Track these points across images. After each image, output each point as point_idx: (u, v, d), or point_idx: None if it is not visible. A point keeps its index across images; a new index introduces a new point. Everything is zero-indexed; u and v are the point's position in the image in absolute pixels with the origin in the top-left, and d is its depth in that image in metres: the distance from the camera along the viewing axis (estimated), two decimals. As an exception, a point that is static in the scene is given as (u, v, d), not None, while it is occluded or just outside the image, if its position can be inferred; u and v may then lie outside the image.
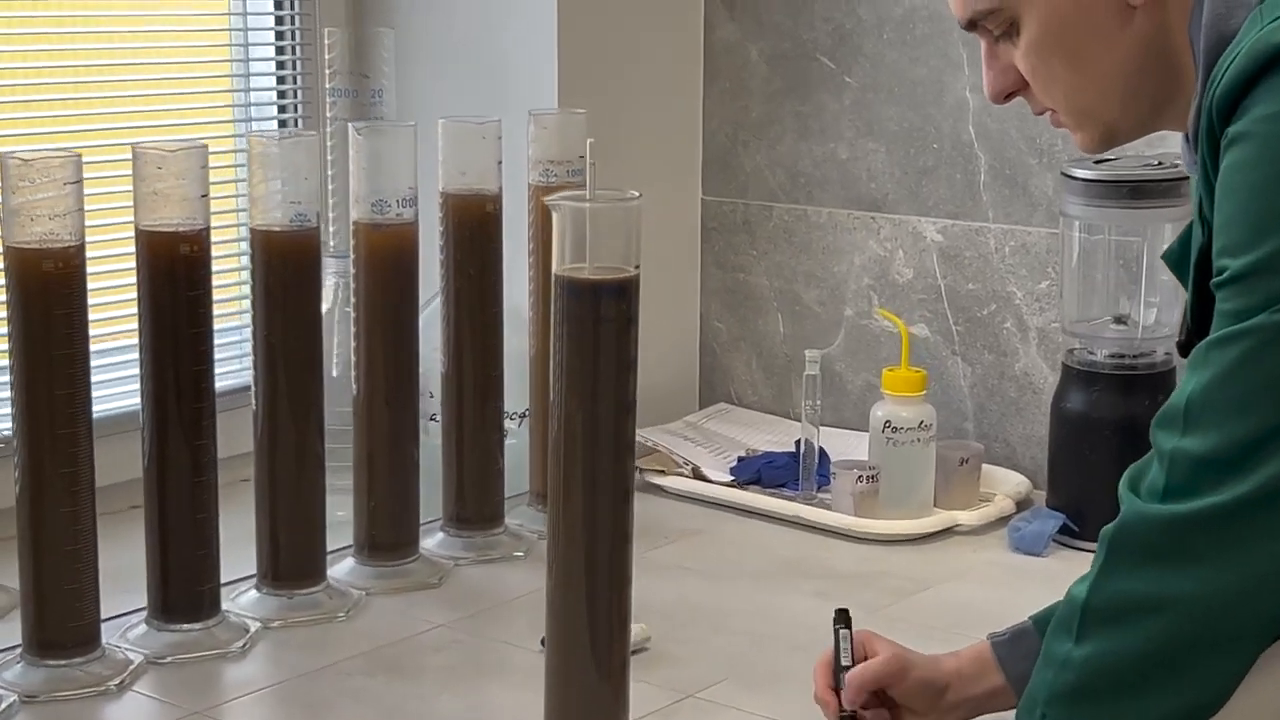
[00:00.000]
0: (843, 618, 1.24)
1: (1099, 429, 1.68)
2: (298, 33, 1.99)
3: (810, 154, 2.01)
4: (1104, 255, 1.71)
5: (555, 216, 1.14)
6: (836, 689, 1.20)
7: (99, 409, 1.63)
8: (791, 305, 2.05)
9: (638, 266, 1.16)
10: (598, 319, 1.15)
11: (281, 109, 2.00)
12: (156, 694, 1.34)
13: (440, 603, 1.55)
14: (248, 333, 1.56)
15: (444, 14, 1.98)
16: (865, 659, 1.21)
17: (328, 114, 1.82)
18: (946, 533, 1.75)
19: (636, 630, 1.43)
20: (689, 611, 1.53)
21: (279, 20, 1.99)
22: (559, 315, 1.15)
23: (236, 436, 1.61)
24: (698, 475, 1.86)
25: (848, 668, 1.20)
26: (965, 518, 1.76)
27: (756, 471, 1.88)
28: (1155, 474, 0.96)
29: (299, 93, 2.00)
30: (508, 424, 1.75)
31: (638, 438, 1.91)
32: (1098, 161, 1.67)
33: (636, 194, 1.16)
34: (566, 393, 1.15)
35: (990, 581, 1.63)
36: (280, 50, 2.00)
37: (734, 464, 1.90)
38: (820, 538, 1.73)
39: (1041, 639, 1.06)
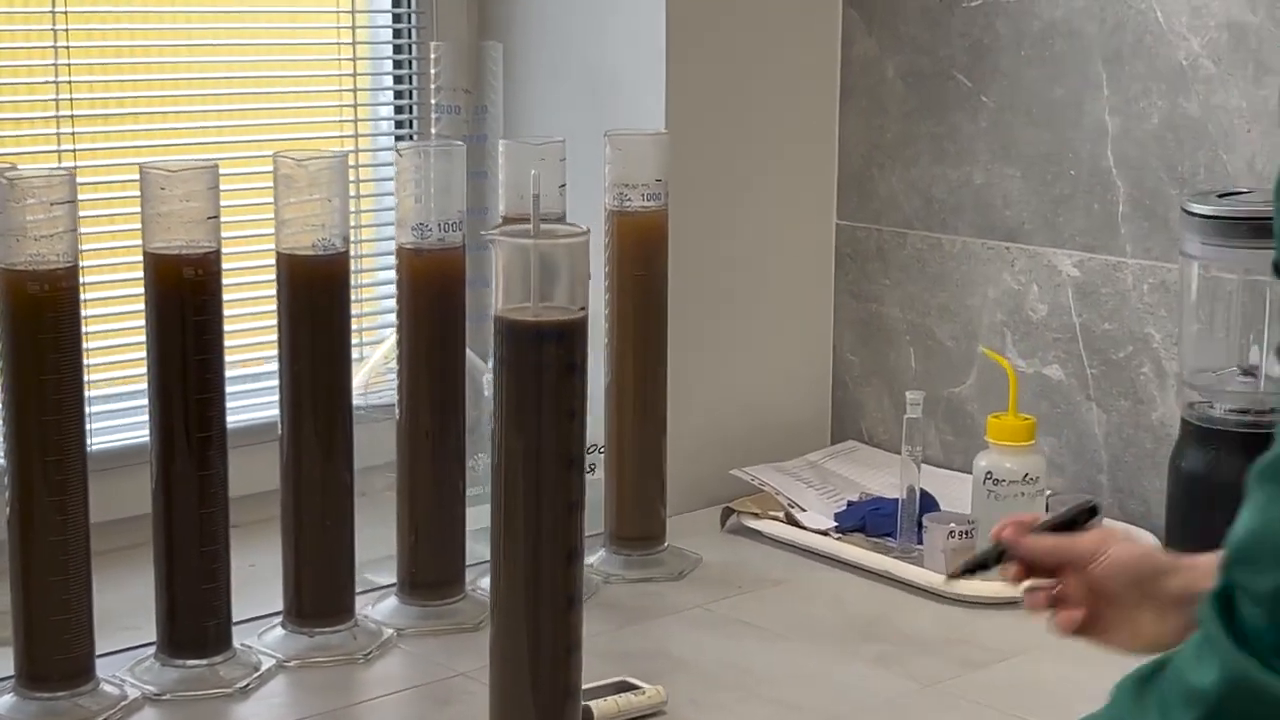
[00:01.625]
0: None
1: (1218, 493, 1.50)
2: (414, 47, 1.94)
3: (945, 178, 1.88)
4: (1227, 299, 1.54)
5: (494, 253, 1.05)
6: None
7: (124, 438, 1.63)
8: (924, 340, 1.92)
9: (583, 308, 1.06)
10: (539, 364, 1.06)
11: (398, 124, 1.96)
12: (139, 733, 1.30)
13: (474, 648, 1.46)
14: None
15: (557, 28, 1.91)
16: None
17: (433, 130, 1.77)
18: (1050, 597, 1.59)
19: (650, 692, 1.34)
20: (725, 672, 1.42)
21: (397, 34, 1.95)
22: (498, 359, 1.06)
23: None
24: (791, 521, 1.74)
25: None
26: (1072, 581, 1.60)
27: (862, 518, 1.75)
28: (1257, 621, 0.76)
29: (414, 108, 1.95)
30: (573, 460, 1.66)
31: (744, 475, 1.82)
32: (1221, 196, 1.50)
33: (583, 228, 1.06)
34: (506, 444, 1.07)
35: (1077, 656, 1.45)
36: (398, 65, 1.95)
37: (842, 509, 1.78)
38: (906, 596, 1.60)
39: None
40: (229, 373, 1.76)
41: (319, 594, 1.45)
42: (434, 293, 1.48)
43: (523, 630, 1.08)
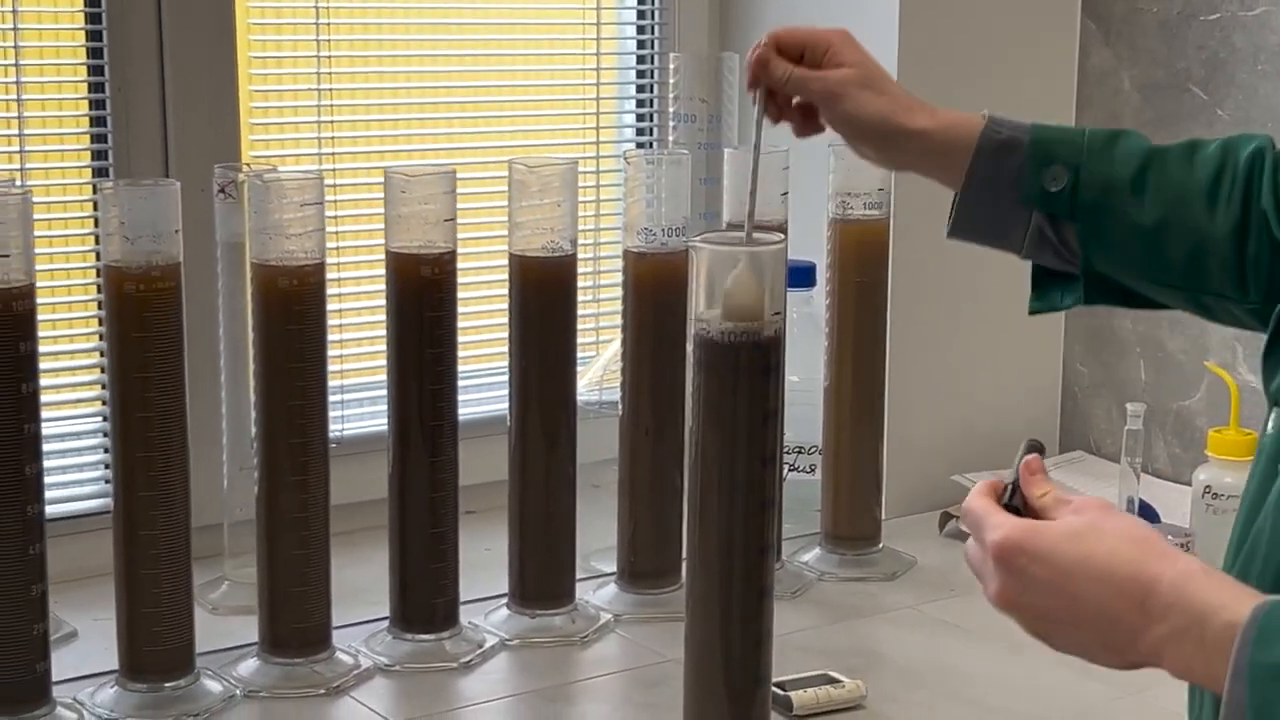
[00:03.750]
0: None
1: None
2: (656, 58, 2.02)
3: (1179, 191, 1.87)
4: None
5: (692, 260, 1.11)
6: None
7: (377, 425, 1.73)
8: (1154, 352, 1.92)
9: (778, 313, 1.11)
10: (736, 367, 1.11)
11: (639, 133, 2.03)
12: (368, 700, 1.39)
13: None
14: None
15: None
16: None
17: (670, 138, 1.84)
18: (1265, 613, 1.59)
19: (850, 686, 1.38)
20: (929, 672, 1.46)
21: (640, 45, 2.02)
22: (696, 362, 1.12)
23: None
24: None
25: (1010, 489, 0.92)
26: (1289, 599, 1.59)
27: (1081, 527, 1.76)
28: None
29: (654, 117, 2.02)
30: (789, 458, 1.72)
31: (966, 481, 1.85)
32: None
33: (780, 237, 1.11)
34: (703, 444, 1.12)
35: (1286, 673, 1.47)
36: (641, 75, 2.03)
37: (1062, 518, 1.79)
38: (1118, 606, 1.61)
39: (1035, 158, 1.08)
40: (474, 366, 1.88)
41: (541, 578, 1.53)
42: (656, 295, 1.54)
43: (716, 620, 1.14)
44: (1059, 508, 0.90)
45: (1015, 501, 0.92)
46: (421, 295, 1.42)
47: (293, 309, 1.36)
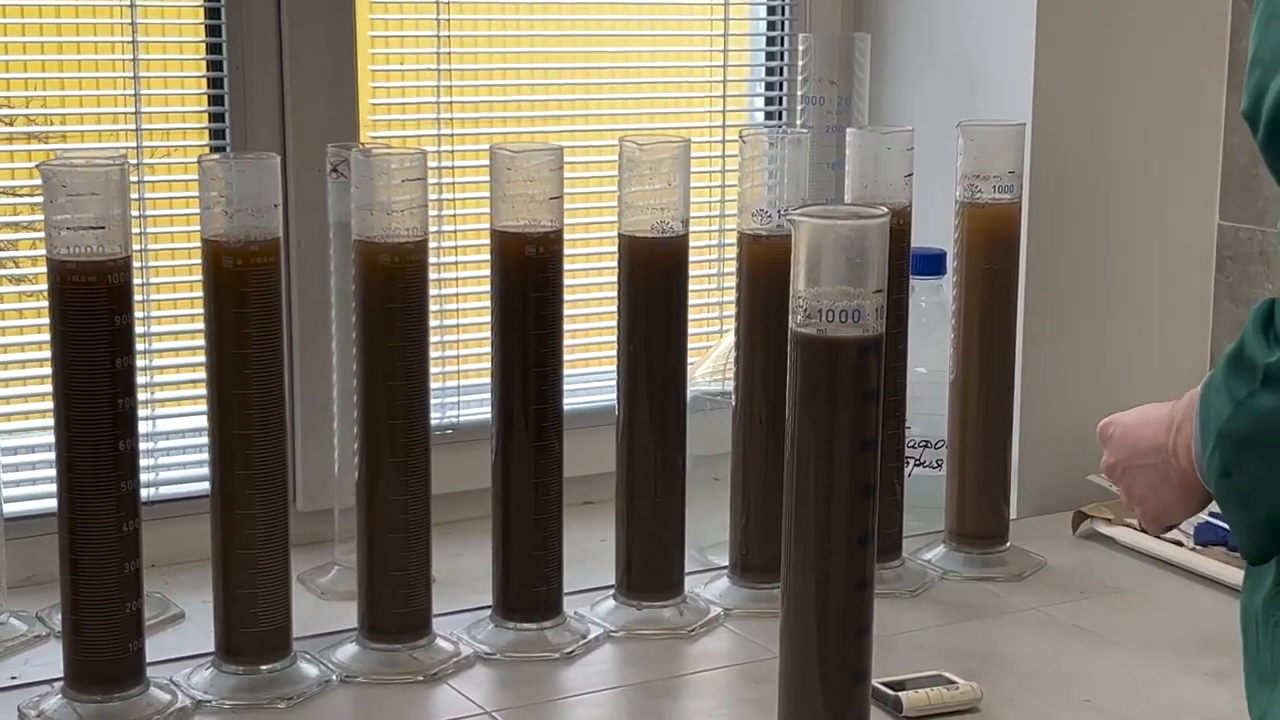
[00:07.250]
0: None
1: None
2: (786, 39, 1.96)
3: (1335, 178, 1.77)
4: None
5: (794, 234, 1.06)
6: None
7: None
8: (1306, 348, 1.82)
9: (879, 290, 1.05)
10: (836, 345, 1.06)
11: (769, 115, 1.98)
12: (466, 688, 1.36)
13: (798, 633, 1.48)
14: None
15: (928, 19, 1.89)
16: None
17: (798, 121, 1.79)
18: None
19: (965, 688, 1.32)
20: (1049, 676, 1.39)
21: (771, 26, 1.97)
22: (794, 341, 1.07)
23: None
24: (1144, 529, 1.68)
25: None
26: None
27: (1223, 533, 1.67)
28: None
29: (783, 99, 1.97)
30: (914, 453, 1.65)
31: (1102, 480, 1.77)
32: None
33: (883, 211, 1.06)
34: (799, 426, 1.07)
35: None
36: (770, 56, 1.98)
37: (1201, 522, 1.71)
38: (1259, 613, 1.53)
39: None
40: (602, 353, 1.84)
41: (648, 569, 1.49)
42: (772, 278, 1.49)
43: (811, 613, 1.09)
44: None
45: None
46: (525, 275, 1.39)
47: (394, 287, 1.33)
